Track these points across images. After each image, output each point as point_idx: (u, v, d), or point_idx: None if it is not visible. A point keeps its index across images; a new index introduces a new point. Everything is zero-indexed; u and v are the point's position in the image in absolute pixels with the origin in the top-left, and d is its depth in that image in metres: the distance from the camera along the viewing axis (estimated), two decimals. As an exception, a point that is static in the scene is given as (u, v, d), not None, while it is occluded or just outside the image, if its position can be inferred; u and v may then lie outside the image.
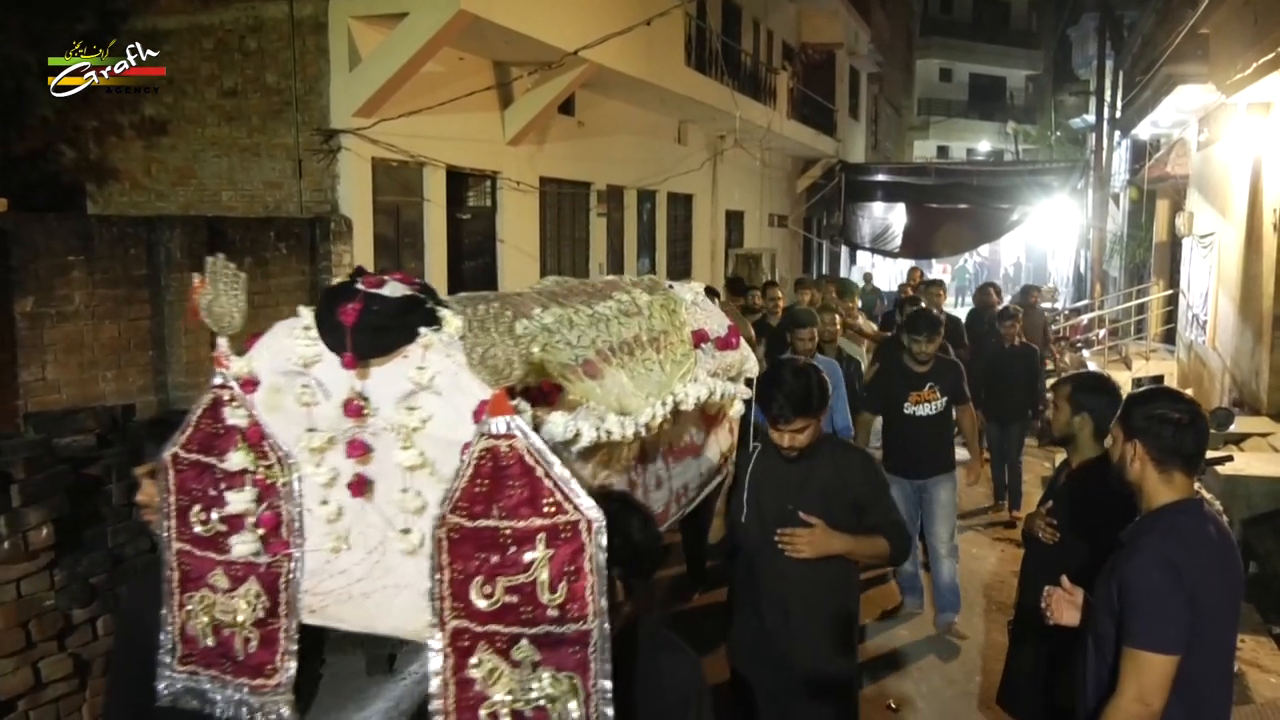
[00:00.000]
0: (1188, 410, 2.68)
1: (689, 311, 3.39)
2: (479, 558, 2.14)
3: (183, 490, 2.49)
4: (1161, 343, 16.58)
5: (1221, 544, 2.64)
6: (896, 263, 30.11)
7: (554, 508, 2.09)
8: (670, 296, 3.35)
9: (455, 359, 2.25)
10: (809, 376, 3.37)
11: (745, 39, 18.98)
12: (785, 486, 3.45)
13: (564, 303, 2.87)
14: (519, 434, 2.11)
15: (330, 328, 2.35)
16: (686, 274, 17.43)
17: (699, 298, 3.50)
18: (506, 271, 11.75)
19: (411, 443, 2.29)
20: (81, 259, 6.84)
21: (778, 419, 3.36)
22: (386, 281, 2.44)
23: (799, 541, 3.36)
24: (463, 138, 10.46)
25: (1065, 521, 3.72)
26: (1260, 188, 10.26)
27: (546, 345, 2.53)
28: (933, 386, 6.24)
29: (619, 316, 2.98)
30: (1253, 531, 7.04)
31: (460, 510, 2.14)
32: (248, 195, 9.38)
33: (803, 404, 3.33)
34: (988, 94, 45.37)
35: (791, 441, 3.39)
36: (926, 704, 5.39)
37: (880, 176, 25.38)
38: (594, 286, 3.19)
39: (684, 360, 3.10)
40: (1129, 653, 2.52)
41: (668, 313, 3.23)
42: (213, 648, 2.46)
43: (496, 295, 2.86)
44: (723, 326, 3.49)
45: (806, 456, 3.45)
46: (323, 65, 9.01)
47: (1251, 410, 9.94)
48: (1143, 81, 15.41)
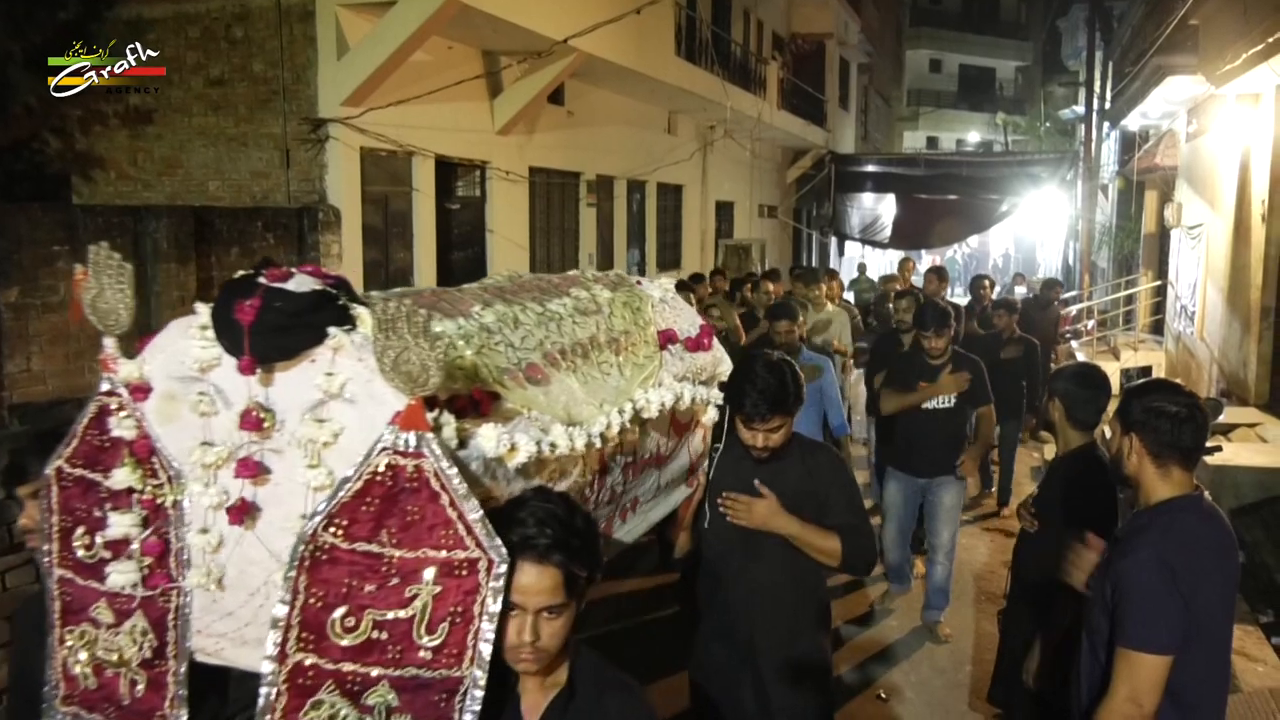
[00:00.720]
0: (1186, 403, 2.64)
1: (656, 310, 3.09)
2: (347, 585, 1.87)
3: (66, 510, 2.18)
4: (1150, 333, 16.63)
5: (1220, 542, 2.62)
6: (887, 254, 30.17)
7: (452, 541, 1.87)
8: (635, 293, 3.06)
9: (369, 363, 1.98)
10: (784, 371, 3.13)
11: (735, 29, 18.94)
12: (750, 489, 3.20)
13: (511, 299, 2.61)
14: (429, 453, 1.87)
15: (226, 327, 2.07)
16: (676, 264, 17.43)
17: (668, 295, 3.22)
18: (496, 262, 11.72)
19: (319, 460, 2.00)
20: (67, 249, 6.78)
21: (751, 417, 3.11)
22: (293, 275, 2.16)
23: (739, 507, 3.14)
24: (452, 127, 10.41)
25: (1050, 510, 3.75)
26: (1248, 179, 10.28)
27: (483, 347, 2.28)
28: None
29: (574, 315, 2.71)
30: (1240, 521, 7.07)
31: (336, 528, 1.88)
32: (235, 185, 9.32)
33: (778, 401, 3.09)
34: (977, 85, 45.40)
35: (765, 441, 3.14)
36: (915, 694, 5.39)
37: (870, 167, 25.39)
38: (550, 282, 2.92)
39: (647, 363, 2.85)
40: (1122, 653, 2.49)
41: (631, 311, 2.95)
42: (95, 690, 2.18)
43: (433, 291, 2.55)
44: (694, 326, 3.19)
45: (775, 457, 3.21)
46: (310, 54, 8.95)
47: (1239, 401, 9.98)
48: (1132, 73, 15.42)
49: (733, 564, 3.24)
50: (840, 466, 3.40)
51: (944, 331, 5.88)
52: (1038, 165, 23.84)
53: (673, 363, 2.98)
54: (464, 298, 2.52)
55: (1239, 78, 9.22)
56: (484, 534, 1.88)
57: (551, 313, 2.65)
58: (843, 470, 3.40)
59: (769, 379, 3.09)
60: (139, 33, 9.25)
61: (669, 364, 2.96)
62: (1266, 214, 9.71)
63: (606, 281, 3.09)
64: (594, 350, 2.68)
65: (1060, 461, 3.99)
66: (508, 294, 2.68)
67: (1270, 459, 7.75)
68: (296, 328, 2.06)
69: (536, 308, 2.63)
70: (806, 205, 26.01)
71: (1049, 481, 4.00)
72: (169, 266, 7.29)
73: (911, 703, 5.30)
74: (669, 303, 3.20)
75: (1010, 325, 8.71)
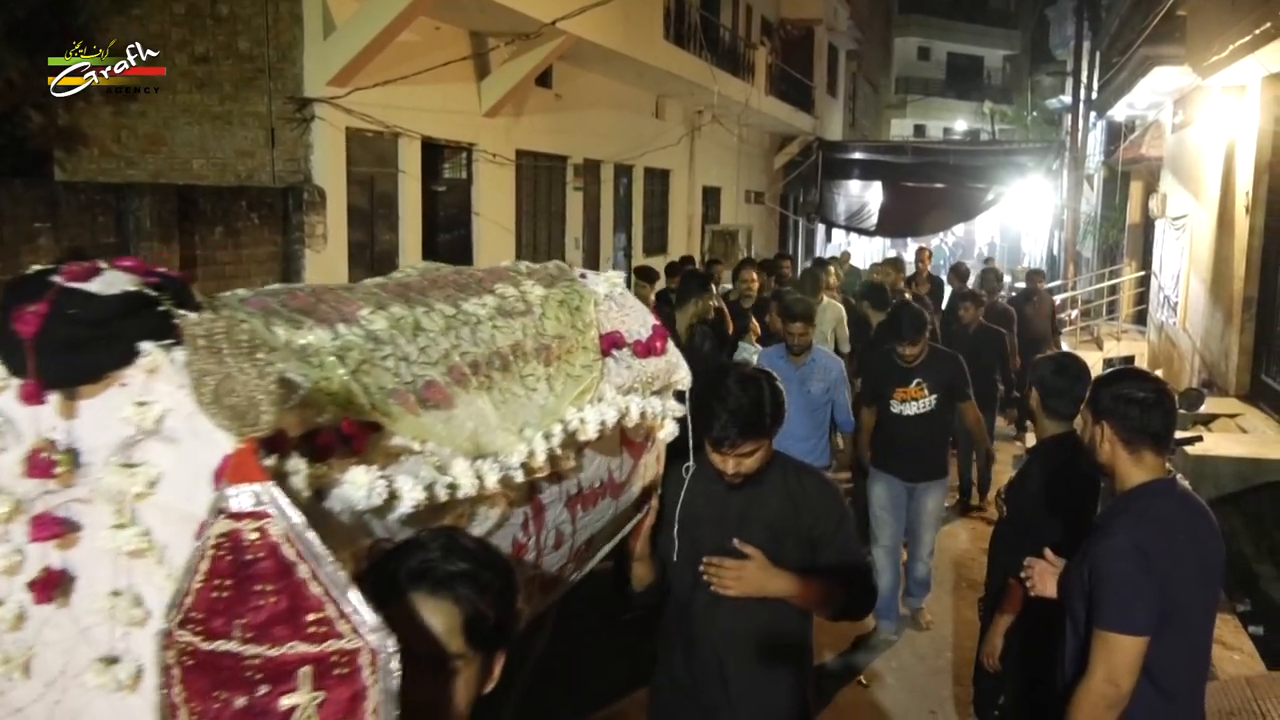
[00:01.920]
0: (1153, 389, 2.68)
1: (600, 309, 2.66)
2: (219, 699, 1.42)
3: None
4: (1133, 324, 16.73)
5: (1194, 523, 2.66)
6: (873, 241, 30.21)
7: (324, 628, 1.40)
8: (575, 290, 2.63)
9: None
10: (760, 387, 2.68)
11: (724, 13, 18.89)
12: (724, 519, 2.77)
13: (415, 299, 2.17)
14: (275, 512, 1.40)
15: (5, 341, 1.60)
16: (663, 249, 17.41)
17: (616, 290, 2.80)
18: (482, 245, 11.69)
19: (131, 517, 1.56)
20: (48, 226, 6.73)
21: (721, 441, 2.66)
22: (101, 270, 1.67)
23: (727, 575, 2.67)
24: (438, 109, 10.35)
25: (1028, 498, 3.78)
26: (1233, 170, 10.32)
27: (365, 364, 1.83)
28: (920, 383, 5.75)
29: (495, 318, 2.29)
30: (1219, 511, 7.06)
31: (193, 625, 1.42)
32: (219, 164, 9.25)
33: (753, 422, 2.65)
34: (965, 73, 45.43)
35: (737, 468, 2.70)
36: (897, 680, 5.43)
37: (857, 155, 25.39)
38: (471, 277, 2.51)
39: (585, 374, 2.45)
40: (1099, 634, 2.54)
41: (568, 311, 2.53)
42: None
43: (315, 289, 2.06)
44: (645, 326, 2.76)
45: (752, 482, 2.77)
46: (296, 33, 8.87)
47: (1221, 391, 10.04)
48: (1119, 63, 15.45)
49: (701, 603, 2.78)
50: (833, 494, 2.94)
51: (919, 340, 5.72)
52: (1024, 154, 23.91)
53: (618, 372, 2.58)
54: (352, 298, 2.05)
55: (1225, 69, 9.24)
56: (359, 613, 1.40)
57: (466, 316, 2.22)
58: (835, 499, 2.93)
59: (742, 397, 2.64)
60: (123, 8, 9.16)
61: (612, 373, 2.55)
62: (1250, 205, 9.75)
63: (542, 276, 2.65)
64: (518, 361, 2.27)
65: (1037, 450, 4.03)
66: (413, 292, 2.23)
67: (1250, 450, 7.80)
68: (97, 341, 1.59)
69: (447, 309, 2.19)
70: (793, 191, 26.02)
71: (1025, 470, 4.04)
72: (151, 245, 7.24)
73: (892, 689, 5.33)
74: (617, 300, 2.78)
75: (975, 317, 8.55)
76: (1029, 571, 3.01)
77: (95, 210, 7.07)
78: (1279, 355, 9.13)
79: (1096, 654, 2.53)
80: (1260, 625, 6.20)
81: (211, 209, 7.93)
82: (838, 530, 2.84)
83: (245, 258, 8.17)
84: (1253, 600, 6.56)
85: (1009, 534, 3.91)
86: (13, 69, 8.81)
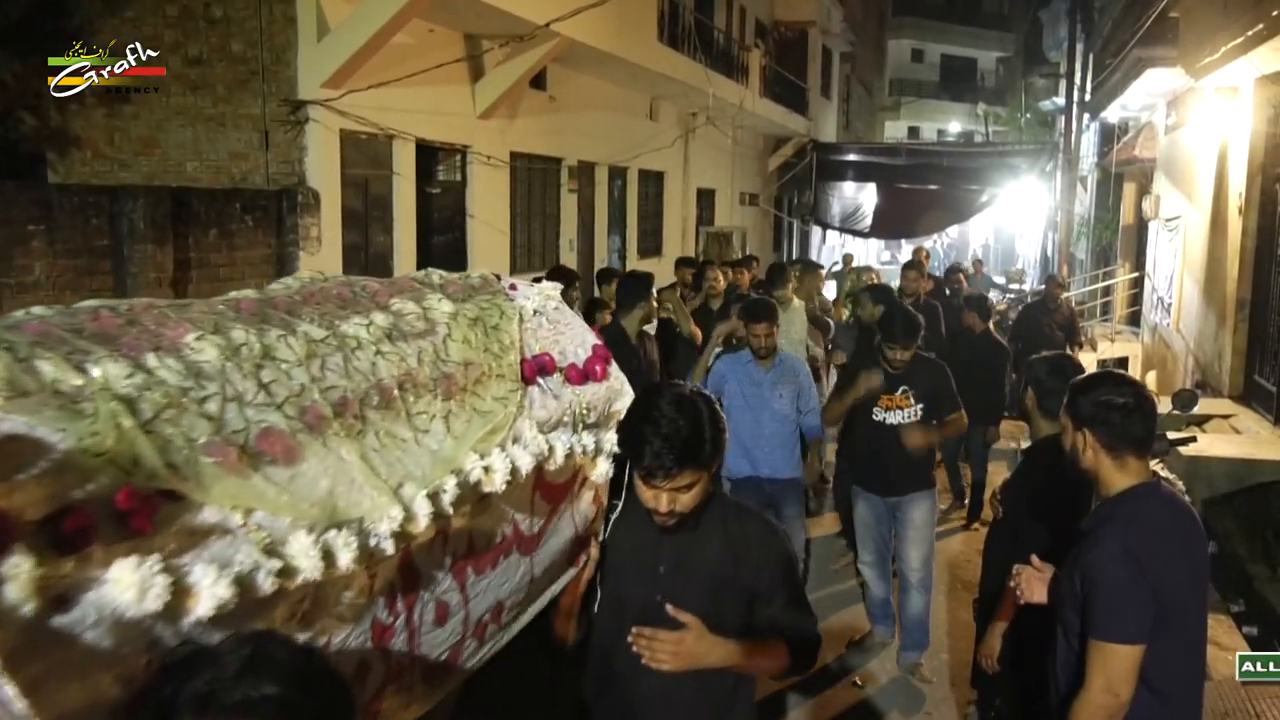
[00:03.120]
0: (1133, 394, 2.67)
1: (527, 327, 2.30)
2: None
3: None
4: (1127, 325, 16.77)
5: (1182, 524, 2.66)
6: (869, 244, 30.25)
7: None
8: (495, 305, 2.26)
9: None
10: (697, 410, 2.28)
11: (718, 15, 18.90)
12: (655, 568, 2.40)
13: (272, 320, 1.78)
14: None
15: None
16: (657, 251, 17.41)
17: (549, 305, 2.42)
18: (477, 247, 11.68)
19: None
20: (42, 229, 6.70)
21: (652, 472, 2.25)
22: None
23: (660, 649, 2.26)
24: (433, 111, 10.34)
25: (1022, 501, 3.78)
26: (1226, 172, 10.35)
27: (168, 408, 1.45)
28: (906, 391, 5.37)
29: (381, 342, 1.91)
30: (1213, 512, 7.14)
31: None
32: (213, 166, 9.22)
33: (690, 450, 2.24)
34: (959, 75, 45.55)
35: (670, 505, 2.28)
36: (892, 681, 5.43)
37: (851, 156, 25.45)
38: (366, 289, 2.13)
39: (498, 408, 2.06)
40: (1094, 644, 2.52)
41: (482, 331, 2.15)
42: None
43: (128, 308, 1.67)
44: (583, 346, 2.42)
45: (688, 525, 2.37)
46: (290, 35, 8.85)
47: (1214, 392, 10.06)
48: (1112, 65, 15.50)
49: (625, 662, 2.36)
50: (777, 543, 2.54)
51: (911, 344, 5.32)
52: (1018, 156, 24.00)
53: (543, 403, 2.21)
54: (182, 319, 1.65)
55: (1218, 70, 9.27)
56: None
57: (341, 339, 1.85)
58: (780, 548, 2.53)
59: (677, 420, 2.23)
60: (116, 9, 9.14)
61: (537, 405, 2.19)
62: (1243, 207, 9.78)
63: (458, 287, 2.28)
64: (406, 395, 1.89)
65: (1032, 450, 4.04)
66: (277, 310, 1.86)
67: (1243, 450, 7.83)
68: None
69: (315, 332, 1.80)
70: (788, 193, 26.06)
71: (1021, 470, 4.05)
72: (146, 248, 7.22)
73: (887, 690, 5.33)
74: (549, 316, 2.40)
75: (976, 324, 8.24)
76: (1017, 579, 3.00)
77: (89, 213, 7.04)
78: (1272, 356, 9.14)
79: (1093, 664, 2.52)
80: (1254, 626, 6.21)
81: (205, 211, 7.91)
82: (782, 586, 2.46)
83: (239, 260, 8.16)
84: (1246, 601, 6.57)
85: (1004, 535, 3.93)
86: (6, 71, 8.80)
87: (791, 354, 6.03)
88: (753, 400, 5.59)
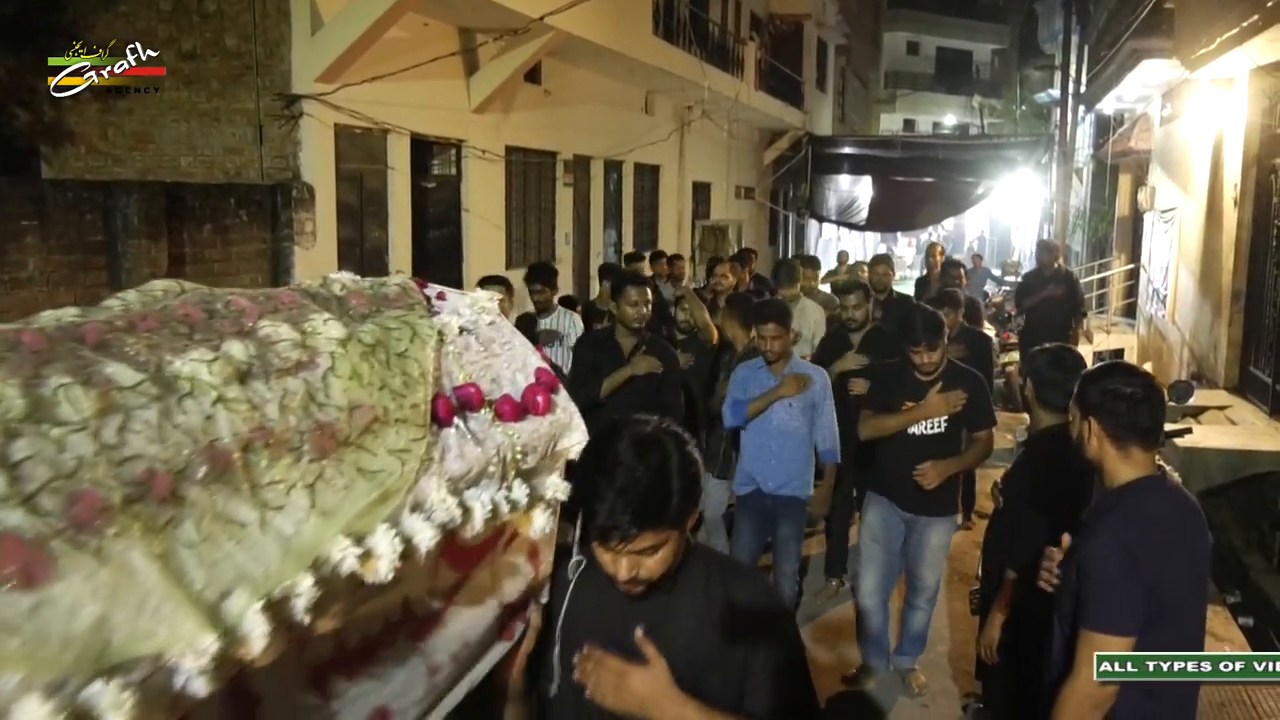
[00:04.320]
0: (1141, 385, 2.67)
1: (447, 351, 1.83)
2: None
3: None
4: (1122, 316, 16.78)
5: (1183, 519, 2.66)
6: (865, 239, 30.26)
7: None
8: (406, 323, 1.78)
9: None
10: (664, 455, 1.82)
11: (713, 9, 18.88)
12: (621, 640, 1.88)
13: (59, 358, 1.32)
14: None
15: None
16: (653, 245, 17.38)
17: (481, 321, 1.96)
18: (472, 242, 11.67)
19: None
20: (36, 224, 6.69)
21: (608, 533, 1.80)
22: None
23: (604, 677, 1.84)
24: (427, 105, 10.33)
25: (1023, 490, 3.79)
26: (1221, 163, 10.35)
27: None
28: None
29: (226, 385, 1.42)
30: (1209, 503, 7.15)
31: None
32: (207, 161, 9.21)
33: (651, 507, 1.79)
34: (954, 68, 45.53)
35: (632, 572, 1.83)
36: (888, 673, 5.43)
37: (847, 149, 25.48)
38: (232, 305, 1.64)
39: (392, 466, 1.56)
40: (1085, 634, 2.53)
41: (382, 361, 1.66)
42: None
43: None
44: (523, 371, 1.95)
45: (660, 589, 1.91)
46: (284, 29, 8.83)
47: (1209, 384, 10.07)
48: (1107, 56, 15.48)
49: None
50: (775, 611, 2.06)
51: (937, 344, 4.78)
52: (1013, 148, 24.02)
53: (461, 451, 1.71)
54: None
55: (1213, 62, 9.26)
56: None
57: (165, 384, 1.36)
58: (778, 617, 2.05)
59: (637, 468, 1.79)
60: (110, 5, 9.12)
61: (452, 455, 1.68)
62: (1238, 198, 9.78)
63: (364, 300, 1.83)
64: (255, 459, 1.39)
65: (1032, 441, 4.05)
66: (85, 341, 1.39)
67: (1239, 442, 7.84)
68: None
69: (123, 376, 1.32)
70: (784, 187, 26.04)
71: (1021, 461, 4.06)
72: (140, 243, 7.20)
73: (885, 682, 5.33)
74: (480, 335, 1.93)
75: (955, 321, 7.53)
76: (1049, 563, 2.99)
77: (83, 208, 7.03)
78: (1267, 347, 9.15)
79: (1082, 653, 2.53)
80: (1250, 617, 6.24)
81: (200, 206, 7.90)
82: (782, 668, 1.96)
83: (234, 255, 8.15)
84: (1243, 592, 6.59)
85: (1004, 526, 3.94)
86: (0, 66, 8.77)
87: (807, 364, 5.47)
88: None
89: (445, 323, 1.86)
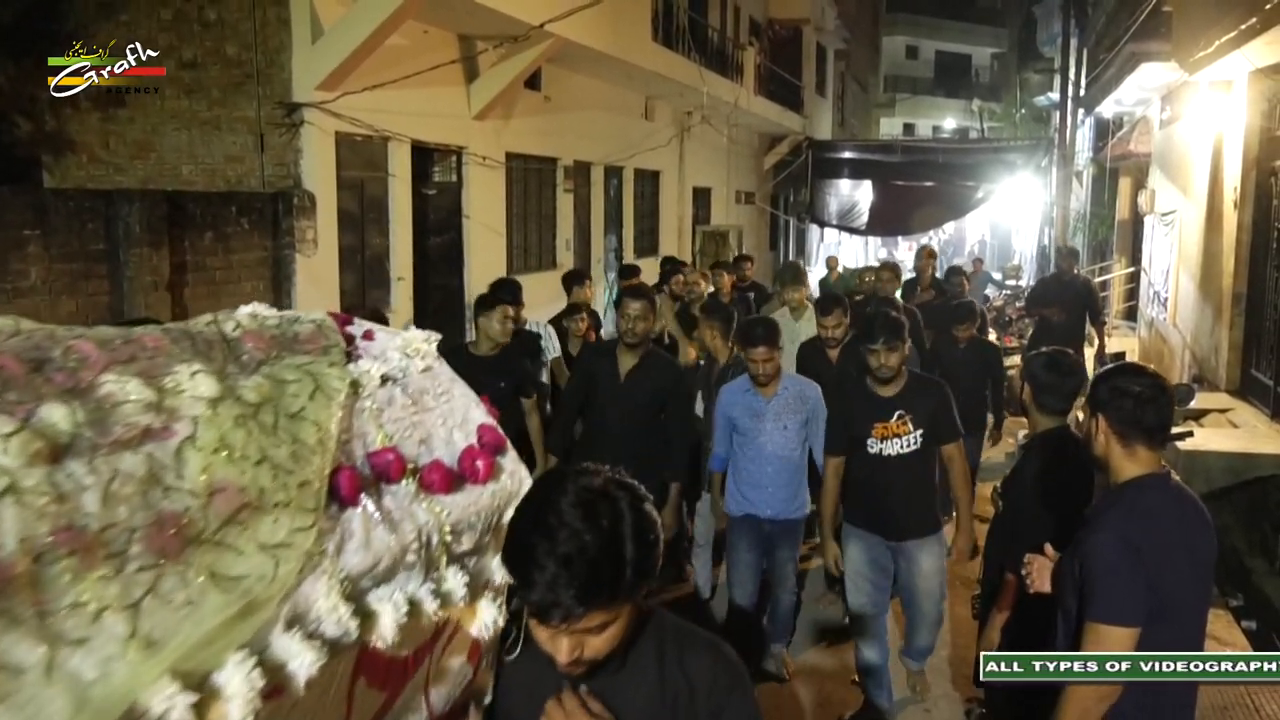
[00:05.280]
0: (1149, 384, 2.71)
1: (361, 409, 1.52)
2: None
3: None
4: (1123, 320, 16.78)
5: (1186, 519, 2.68)
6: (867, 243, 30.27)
7: None
8: (310, 373, 1.46)
9: None
10: (615, 514, 1.55)
11: (712, 14, 18.90)
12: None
13: None
14: None
15: None
16: (653, 250, 17.42)
17: (409, 368, 1.65)
18: (473, 248, 11.68)
19: None
20: (37, 233, 6.70)
21: (546, 611, 1.51)
22: None
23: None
24: (428, 112, 10.34)
25: (1022, 493, 3.80)
26: (1221, 166, 10.35)
27: None
28: (903, 417, 4.54)
29: (24, 469, 1.08)
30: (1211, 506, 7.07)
31: None
32: (208, 169, 9.22)
33: (598, 581, 1.51)
34: (953, 72, 45.56)
35: (574, 654, 1.57)
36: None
37: (847, 154, 25.46)
38: (71, 354, 1.31)
39: (263, 568, 1.22)
40: (1088, 626, 2.56)
41: (266, 426, 1.33)
42: None
43: None
44: (461, 428, 1.66)
45: (608, 668, 1.68)
46: (284, 37, 8.85)
47: (1211, 386, 10.07)
48: (1106, 59, 15.50)
49: None
50: (733, 683, 1.81)
51: (895, 345, 4.45)
52: (1013, 152, 24.02)
53: (367, 539, 1.39)
54: None
55: (1212, 64, 9.27)
56: None
57: None
58: (737, 690, 1.81)
59: (582, 536, 1.50)
60: (109, 13, 9.14)
61: (353, 546, 1.37)
62: (1239, 201, 9.78)
63: (263, 342, 1.50)
64: (53, 574, 1.05)
65: (1031, 444, 4.05)
66: None
67: (1240, 444, 7.83)
68: None
69: None
70: (784, 191, 26.06)
71: (1020, 465, 4.06)
72: (141, 251, 7.21)
73: (887, 686, 5.32)
74: (410, 385, 1.62)
75: (970, 332, 7.66)
76: (1028, 568, 3.03)
77: (84, 217, 7.03)
78: (1268, 350, 9.15)
79: (1087, 645, 2.55)
80: (1253, 620, 6.22)
81: (201, 215, 7.91)
82: None
83: (235, 263, 8.16)
84: (1245, 595, 6.58)
85: (1004, 529, 3.94)
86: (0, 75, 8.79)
87: (798, 377, 5.23)
88: (751, 434, 4.95)
89: (364, 371, 1.52)
